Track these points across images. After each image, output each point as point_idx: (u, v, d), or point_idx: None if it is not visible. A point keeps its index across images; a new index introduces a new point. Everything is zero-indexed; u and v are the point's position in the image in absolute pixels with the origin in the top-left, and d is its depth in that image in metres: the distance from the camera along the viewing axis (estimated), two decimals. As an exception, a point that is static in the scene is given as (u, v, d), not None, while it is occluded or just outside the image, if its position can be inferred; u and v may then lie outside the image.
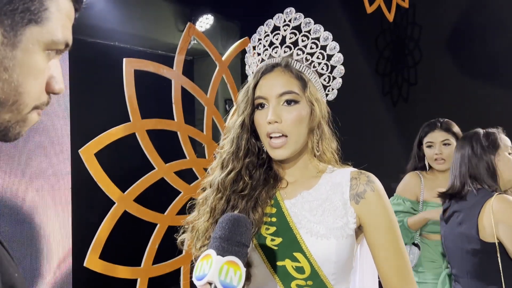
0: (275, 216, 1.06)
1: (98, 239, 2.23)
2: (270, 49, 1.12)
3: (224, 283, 0.78)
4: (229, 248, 0.83)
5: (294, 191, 1.09)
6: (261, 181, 1.10)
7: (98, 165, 2.24)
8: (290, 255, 1.01)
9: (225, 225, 0.85)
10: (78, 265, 2.71)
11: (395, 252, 1.03)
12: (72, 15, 0.62)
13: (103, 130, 2.29)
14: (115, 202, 2.31)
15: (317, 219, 1.03)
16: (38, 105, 0.60)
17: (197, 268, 0.82)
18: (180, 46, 2.67)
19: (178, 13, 3.35)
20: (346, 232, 1.01)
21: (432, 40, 3.91)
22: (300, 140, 1.06)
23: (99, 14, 2.80)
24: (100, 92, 2.97)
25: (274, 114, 1.03)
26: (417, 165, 2.37)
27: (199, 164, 2.74)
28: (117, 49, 3.12)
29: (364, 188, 1.05)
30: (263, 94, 1.07)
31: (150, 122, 2.51)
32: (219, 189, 1.09)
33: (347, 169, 1.12)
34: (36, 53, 0.57)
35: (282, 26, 1.12)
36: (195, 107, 3.53)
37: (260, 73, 1.09)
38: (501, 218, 1.57)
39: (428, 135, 2.30)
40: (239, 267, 0.81)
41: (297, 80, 1.06)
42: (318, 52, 1.10)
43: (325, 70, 1.11)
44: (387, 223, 1.04)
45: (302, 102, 1.05)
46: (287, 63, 1.08)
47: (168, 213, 2.58)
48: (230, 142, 1.12)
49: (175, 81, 2.65)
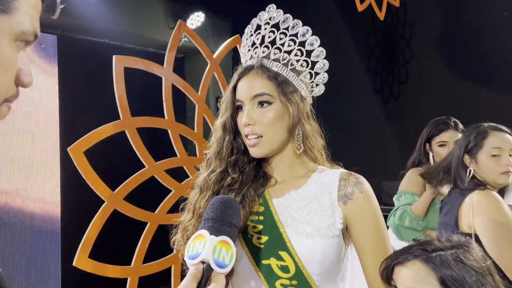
0: (262, 214, 1.06)
1: (88, 238, 2.21)
2: (252, 50, 1.12)
3: (217, 262, 0.80)
4: (221, 228, 0.84)
5: (282, 190, 1.09)
6: (250, 176, 1.11)
7: (87, 163, 2.21)
8: (276, 254, 1.01)
9: (217, 206, 0.87)
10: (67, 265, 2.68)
11: (382, 254, 1.02)
12: (39, 6, 0.61)
13: (92, 128, 2.26)
14: (105, 201, 2.29)
15: (304, 218, 1.03)
16: (8, 98, 0.59)
17: (190, 248, 0.83)
18: (170, 44, 2.66)
19: (169, 10, 3.33)
20: (333, 232, 1.01)
21: (423, 39, 3.93)
22: (276, 139, 1.06)
23: (88, 11, 2.77)
24: (89, 89, 2.94)
25: (247, 116, 1.05)
26: (419, 161, 2.30)
27: (190, 162, 2.73)
28: (107, 47, 3.08)
29: (352, 189, 1.04)
30: (239, 97, 1.08)
31: (140, 120, 2.49)
32: (202, 189, 1.10)
33: (337, 170, 1.11)
34: (5, 44, 0.56)
35: (263, 24, 1.11)
36: (186, 105, 3.51)
37: (237, 76, 1.11)
38: (477, 211, 1.62)
39: (441, 134, 2.25)
40: (230, 246, 0.83)
41: (270, 81, 1.06)
42: (296, 49, 1.09)
43: (305, 66, 1.10)
44: (374, 225, 1.04)
45: (275, 102, 1.05)
46: (262, 64, 1.08)
47: (159, 212, 2.57)
48: (215, 143, 1.14)
49: (165, 79, 2.63)
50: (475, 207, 1.63)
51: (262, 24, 1.12)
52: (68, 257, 2.41)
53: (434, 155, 2.26)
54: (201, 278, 0.79)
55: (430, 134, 2.29)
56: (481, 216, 1.62)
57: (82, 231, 2.23)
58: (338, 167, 1.15)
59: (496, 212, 1.62)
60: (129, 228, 2.53)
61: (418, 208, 2.16)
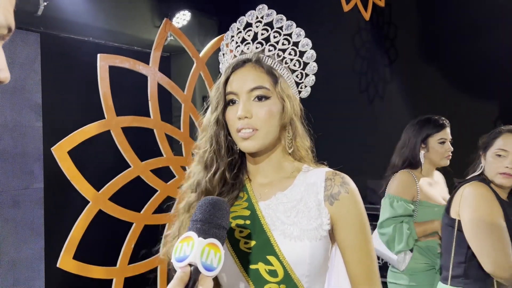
0: (249, 218, 1.04)
1: (72, 239, 2.18)
2: (242, 45, 1.09)
3: (205, 265, 0.78)
4: (209, 230, 0.82)
5: (269, 193, 1.08)
6: (232, 182, 1.08)
7: (71, 163, 2.18)
8: (263, 258, 1.00)
9: (206, 208, 0.85)
10: (50, 266, 2.64)
11: (366, 254, 1.03)
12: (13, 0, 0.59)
13: (76, 128, 2.23)
14: (90, 201, 2.26)
15: (291, 221, 1.01)
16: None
17: (177, 250, 0.81)
18: (156, 42, 2.63)
19: (154, 8, 3.30)
20: (320, 234, 1.00)
21: (407, 40, 3.97)
22: (270, 134, 1.04)
23: (72, 8, 2.72)
24: (73, 88, 2.90)
25: (244, 109, 1.02)
26: (411, 162, 2.30)
27: (176, 162, 2.71)
28: (91, 45, 3.04)
29: (338, 190, 1.03)
30: (233, 89, 1.04)
31: (125, 119, 2.46)
32: (209, 191, 1.06)
33: (322, 169, 1.10)
34: None
35: (255, 22, 1.10)
36: (171, 104, 3.48)
37: (231, 68, 1.07)
38: (464, 202, 1.73)
39: (441, 131, 2.29)
40: (219, 249, 0.81)
41: (268, 76, 1.04)
42: (290, 48, 1.08)
43: (298, 66, 1.10)
44: (360, 225, 1.03)
45: (273, 97, 1.04)
46: (258, 58, 1.06)
47: (144, 212, 2.55)
48: (209, 141, 1.09)
49: (151, 78, 2.61)
50: (464, 197, 1.73)
51: (253, 22, 1.10)
52: (52, 258, 2.37)
53: (431, 153, 2.28)
54: (188, 281, 0.77)
55: (427, 133, 2.30)
56: (467, 208, 1.71)
57: (66, 232, 2.20)
58: (323, 166, 1.14)
59: (481, 206, 1.68)
60: (115, 229, 2.51)
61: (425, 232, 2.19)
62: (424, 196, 2.23)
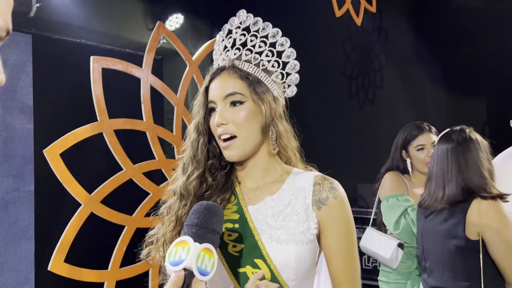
0: (238, 222, 1.05)
1: (64, 241, 2.17)
2: (224, 53, 1.12)
3: (200, 269, 0.80)
4: (205, 235, 0.84)
5: (258, 196, 1.09)
6: (220, 184, 1.10)
7: (63, 165, 2.17)
8: (251, 262, 1.01)
9: (201, 213, 0.86)
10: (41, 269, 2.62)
11: (350, 260, 1.05)
12: (11, 1, 0.59)
13: (68, 130, 2.22)
14: (81, 204, 2.25)
15: (279, 225, 1.03)
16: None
17: (171, 254, 0.82)
18: (149, 45, 2.64)
19: (147, 11, 3.30)
20: (307, 238, 1.02)
21: (397, 45, 4.02)
22: (249, 139, 1.06)
23: (64, 10, 2.71)
24: (65, 90, 2.88)
25: (220, 116, 1.04)
26: (396, 168, 2.28)
27: (168, 165, 2.71)
28: (83, 47, 3.03)
29: (326, 195, 1.05)
30: (211, 97, 1.07)
31: (118, 122, 2.46)
32: (183, 195, 1.07)
33: (311, 173, 1.11)
34: None
35: (234, 28, 1.12)
36: (163, 106, 3.48)
37: (209, 77, 1.10)
38: (487, 221, 1.61)
39: (418, 138, 2.24)
40: (213, 254, 0.83)
41: (242, 81, 1.06)
42: (267, 50, 1.10)
43: (277, 67, 1.11)
44: (347, 231, 1.05)
45: (248, 102, 1.05)
46: (233, 64, 1.09)
47: (136, 215, 2.54)
48: (189, 147, 1.11)
49: (144, 81, 2.61)
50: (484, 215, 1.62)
51: (233, 28, 1.12)
52: (42, 262, 2.35)
53: (413, 160, 2.25)
54: (182, 285, 0.79)
55: (405, 140, 2.27)
56: (493, 227, 1.61)
57: (57, 235, 2.19)
58: (312, 169, 1.16)
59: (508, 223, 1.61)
60: (106, 232, 2.50)
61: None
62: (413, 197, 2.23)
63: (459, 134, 1.79)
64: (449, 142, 1.79)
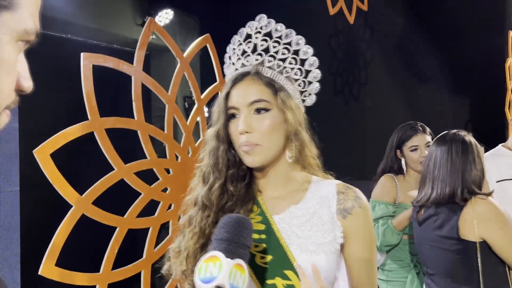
0: (264, 233, 1.04)
1: (55, 245, 2.09)
2: (243, 58, 1.10)
3: (233, 286, 0.78)
4: (236, 250, 0.82)
5: (282, 206, 1.08)
6: (242, 194, 1.07)
7: (54, 166, 2.09)
8: (281, 273, 0.99)
9: (231, 227, 0.84)
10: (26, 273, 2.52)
11: (372, 267, 1.08)
12: (39, 2, 0.56)
13: (55, 129, 2.13)
14: (72, 205, 2.17)
15: (306, 234, 1.02)
16: (8, 105, 0.54)
17: (202, 270, 0.79)
18: (140, 41, 2.56)
19: (136, 6, 3.22)
20: (334, 247, 1.02)
21: (383, 43, 4.07)
22: (273, 148, 1.04)
23: (51, 4, 2.61)
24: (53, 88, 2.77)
25: (245, 123, 1.02)
26: (391, 168, 2.37)
27: (160, 164, 2.65)
28: (69, 42, 2.92)
29: (352, 204, 1.06)
30: (233, 103, 1.05)
31: (109, 121, 2.38)
32: (205, 205, 1.05)
33: (332, 181, 1.12)
34: (8, 44, 0.50)
35: (254, 33, 1.10)
36: (151, 104, 3.41)
37: (231, 82, 1.08)
38: (484, 219, 1.64)
39: (412, 138, 2.30)
40: (244, 270, 0.81)
41: (267, 88, 1.04)
42: (290, 57, 1.09)
43: (299, 75, 1.10)
44: (370, 239, 1.07)
45: (273, 109, 1.04)
46: (257, 70, 1.07)
47: (128, 216, 2.48)
48: (208, 155, 1.09)
49: (135, 78, 2.54)
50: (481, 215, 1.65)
51: (253, 33, 1.10)
52: (29, 265, 2.26)
53: (407, 160, 2.32)
54: None
55: (400, 140, 2.33)
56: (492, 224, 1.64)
57: (43, 238, 2.11)
58: (330, 177, 1.16)
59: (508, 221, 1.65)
60: (98, 234, 2.43)
61: (401, 224, 2.22)
62: (403, 198, 2.30)
63: (455, 137, 1.83)
64: (444, 144, 1.83)
